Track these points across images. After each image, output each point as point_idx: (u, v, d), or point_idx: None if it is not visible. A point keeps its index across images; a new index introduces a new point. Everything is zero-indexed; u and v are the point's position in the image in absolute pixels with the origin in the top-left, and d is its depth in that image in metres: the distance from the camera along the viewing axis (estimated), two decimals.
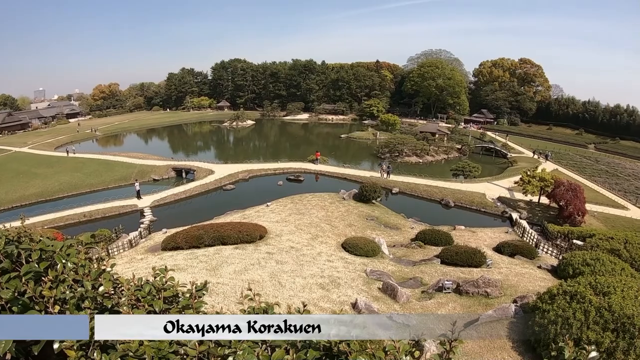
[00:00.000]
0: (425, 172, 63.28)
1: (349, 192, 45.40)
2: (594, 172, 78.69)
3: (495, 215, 47.82)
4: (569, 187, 44.68)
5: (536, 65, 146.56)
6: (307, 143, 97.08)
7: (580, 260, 25.89)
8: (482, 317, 18.12)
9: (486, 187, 56.34)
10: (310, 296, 19.82)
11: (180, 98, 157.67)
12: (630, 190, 66.11)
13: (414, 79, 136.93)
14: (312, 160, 64.47)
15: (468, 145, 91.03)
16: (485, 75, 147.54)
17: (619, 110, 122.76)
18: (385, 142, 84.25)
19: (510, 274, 25.44)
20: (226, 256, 24.33)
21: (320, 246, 29.27)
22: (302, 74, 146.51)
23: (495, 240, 35.05)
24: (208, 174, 55.54)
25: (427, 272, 25.91)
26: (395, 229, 38.63)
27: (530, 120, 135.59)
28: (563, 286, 17.77)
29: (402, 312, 18.96)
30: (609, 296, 16.18)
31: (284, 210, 39.50)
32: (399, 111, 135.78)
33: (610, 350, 14.16)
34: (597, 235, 35.64)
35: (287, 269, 23.05)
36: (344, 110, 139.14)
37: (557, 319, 15.48)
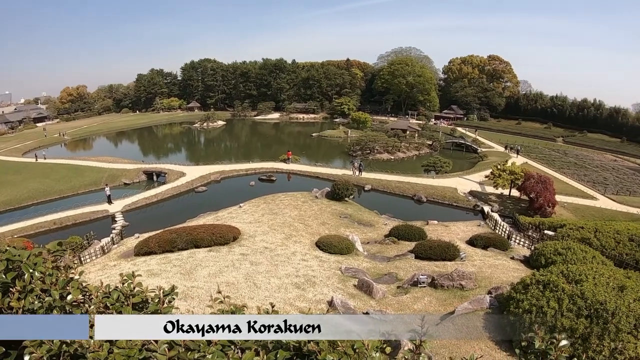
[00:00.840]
0: (397, 169, 63.85)
1: (321, 191, 45.40)
2: (563, 164, 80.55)
3: (468, 209, 48.46)
4: (538, 180, 45.53)
5: (505, 61, 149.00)
6: (278, 142, 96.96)
7: (552, 250, 26.38)
8: (457, 309, 18.29)
9: (458, 182, 57.09)
10: (286, 296, 19.80)
11: (150, 99, 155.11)
12: (599, 181, 67.98)
13: (385, 76, 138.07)
14: (284, 160, 64.37)
15: (439, 141, 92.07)
16: (454, 72, 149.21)
17: (586, 104, 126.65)
18: (356, 139, 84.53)
19: (484, 266, 25.76)
20: (200, 259, 24.12)
21: (294, 246, 29.23)
22: (273, 73, 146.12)
23: (468, 234, 35.40)
24: (179, 177, 54.88)
25: (402, 268, 26.05)
26: (369, 225, 38.76)
27: (500, 115, 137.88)
28: (536, 276, 18.08)
29: (379, 308, 19.04)
30: (581, 284, 16.54)
31: (257, 210, 39.32)
32: (370, 109, 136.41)
33: (585, 336, 14.49)
34: (568, 225, 36.46)
35: (261, 269, 22.96)
36: (315, 109, 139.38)
37: (532, 308, 15.78)
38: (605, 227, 34.78)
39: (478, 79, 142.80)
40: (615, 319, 14.64)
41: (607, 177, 72.87)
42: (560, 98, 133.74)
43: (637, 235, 32.31)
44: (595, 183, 65.57)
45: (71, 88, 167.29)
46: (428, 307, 19.74)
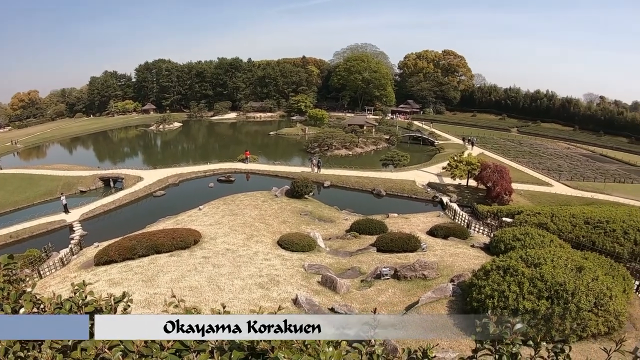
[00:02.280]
0: (355, 164, 63.94)
1: (281, 189, 45.15)
2: (518, 153, 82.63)
3: (427, 201, 49.11)
4: (495, 169, 46.47)
5: (459, 56, 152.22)
6: (236, 142, 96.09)
7: (511, 236, 27.03)
8: (422, 299, 18.51)
9: (416, 175, 57.72)
10: (250, 297, 19.65)
11: (104, 103, 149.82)
12: (553, 168, 70.07)
13: (341, 73, 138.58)
14: (242, 160, 63.79)
15: (396, 135, 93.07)
16: (410, 67, 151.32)
17: (539, 95, 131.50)
18: (314, 136, 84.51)
19: (445, 255, 26.08)
20: (161, 265, 23.69)
21: (256, 245, 29.03)
22: (229, 72, 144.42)
23: (428, 225, 35.78)
24: (137, 181, 53.62)
25: (365, 261, 26.16)
26: (330, 221, 38.79)
27: (455, 108, 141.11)
28: (496, 262, 18.45)
29: (344, 303, 19.11)
30: (540, 267, 16.96)
31: (217, 212, 38.86)
32: (327, 105, 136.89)
33: (547, 317, 14.87)
34: (525, 212, 37.48)
35: (224, 271, 22.72)
36: (271, 107, 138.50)
37: (494, 293, 16.09)
38: (561, 211, 35.88)
39: (433, 73, 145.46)
40: (576, 299, 15.09)
41: (561, 164, 75.09)
42: (513, 90, 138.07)
43: (592, 218, 33.43)
44: (550, 170, 67.58)
45: (22, 93, 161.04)
46: (392, 299, 19.88)
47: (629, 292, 19.22)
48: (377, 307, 19.06)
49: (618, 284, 18.20)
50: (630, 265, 26.69)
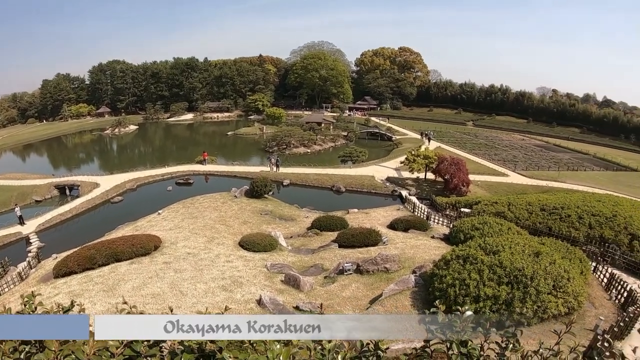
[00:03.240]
0: (314, 162, 64.19)
1: (240, 190, 44.79)
2: (474, 146, 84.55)
3: (386, 195, 49.57)
4: (452, 162, 47.32)
5: (415, 52, 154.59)
6: (193, 144, 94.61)
7: (470, 226, 27.60)
8: (385, 291, 18.68)
9: (375, 170, 58.27)
10: (214, 300, 19.44)
11: (57, 107, 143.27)
12: (509, 159, 72.06)
13: (298, 71, 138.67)
14: (200, 161, 63.01)
15: (354, 131, 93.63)
16: (367, 64, 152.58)
17: (494, 89, 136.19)
18: (272, 135, 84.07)
19: (406, 248, 26.29)
20: (122, 273, 23.17)
21: (217, 248, 28.75)
22: (185, 72, 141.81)
23: (388, 219, 36.13)
24: (93, 188, 52.16)
25: (327, 258, 26.22)
26: (291, 220, 38.73)
27: (412, 103, 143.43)
28: (456, 251, 18.79)
29: (308, 300, 19.12)
30: (498, 254, 17.37)
31: (177, 216, 38.30)
32: (284, 104, 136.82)
33: (508, 301, 15.23)
34: (483, 202, 38.38)
35: (186, 276, 22.39)
36: (229, 107, 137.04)
37: (455, 282, 16.37)
38: (517, 200, 37.00)
39: (390, 69, 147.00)
40: (535, 282, 15.52)
41: (517, 155, 77.26)
42: (469, 85, 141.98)
43: (548, 205, 34.65)
44: (505, 161, 69.46)
45: None
46: (356, 293, 19.99)
47: (586, 273, 19.88)
48: (341, 302, 19.17)
49: (575, 266, 18.78)
50: (586, 248, 27.80)
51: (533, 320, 15.43)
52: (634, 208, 34.62)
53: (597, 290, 20.68)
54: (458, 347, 2.58)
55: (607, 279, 21.67)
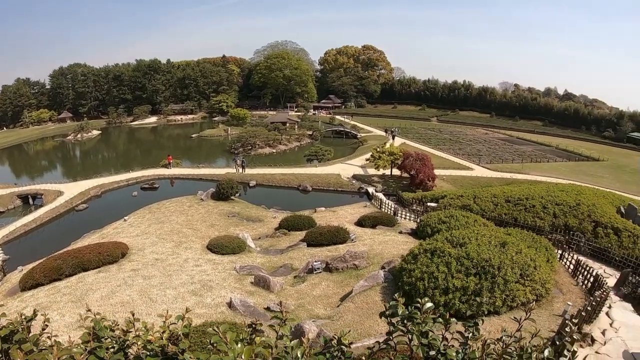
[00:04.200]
0: (280, 162, 64.17)
1: (206, 192, 44.37)
2: (439, 141, 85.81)
3: (353, 193, 49.88)
4: (417, 157, 47.82)
5: (379, 50, 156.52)
6: (158, 147, 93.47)
7: (436, 220, 27.95)
8: (355, 288, 18.69)
9: (341, 168, 58.67)
10: (184, 305, 19.10)
11: (17, 113, 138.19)
12: (473, 152, 73.33)
13: (262, 71, 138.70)
14: (165, 165, 62.23)
15: (319, 130, 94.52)
16: (330, 63, 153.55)
17: (457, 85, 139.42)
18: (237, 136, 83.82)
19: (375, 244, 26.38)
20: (90, 283, 22.61)
21: (185, 252, 28.42)
22: (147, 74, 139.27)
23: (355, 216, 36.32)
24: (57, 196, 50.80)
25: (296, 258, 26.16)
26: (258, 221, 38.56)
27: (376, 101, 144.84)
28: (423, 245, 18.94)
29: (279, 301, 19.02)
30: (465, 246, 17.60)
31: (143, 221, 37.72)
32: (249, 104, 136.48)
33: (477, 292, 15.43)
34: (449, 196, 39.04)
35: (155, 282, 22.03)
36: (192, 109, 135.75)
37: (423, 275, 16.48)
38: (483, 192, 37.78)
39: (353, 68, 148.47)
40: (502, 272, 15.79)
41: (481, 149, 78.63)
42: (432, 81, 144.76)
43: (513, 196, 35.57)
44: (470, 155, 70.60)
45: None
46: (327, 291, 19.99)
47: (552, 261, 20.28)
48: (312, 301, 19.14)
49: (541, 254, 19.17)
50: (551, 237, 28.73)
51: (502, 309, 15.68)
52: (597, 196, 35.94)
53: (564, 276, 21.16)
54: (419, 339, 2.59)
55: (574, 265, 22.18)
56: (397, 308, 2.77)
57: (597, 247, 28.26)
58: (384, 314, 2.76)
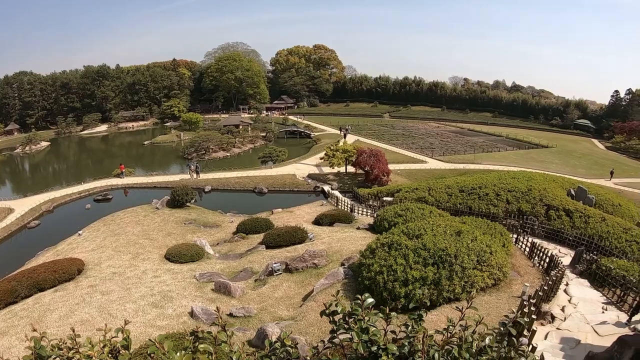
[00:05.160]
0: (234, 165, 63.57)
1: (161, 200, 43.68)
2: (392, 136, 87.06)
3: (309, 192, 50.09)
4: (370, 154, 48.33)
5: (330, 49, 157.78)
6: (110, 157, 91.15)
7: (393, 214, 28.37)
8: (316, 287, 18.75)
9: (295, 168, 58.78)
10: (145, 318, 18.85)
11: None
12: (426, 146, 74.65)
13: (213, 74, 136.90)
14: (118, 175, 60.97)
15: (272, 131, 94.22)
16: (282, 63, 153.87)
17: (408, 81, 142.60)
18: (190, 141, 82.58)
19: (333, 241, 26.52)
20: (47, 303, 21.87)
21: (143, 264, 27.91)
22: (96, 81, 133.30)
23: (313, 215, 36.49)
24: (7, 214, 48.66)
25: (256, 261, 26.03)
26: (215, 226, 38.24)
27: (329, 100, 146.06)
28: (380, 239, 19.15)
29: (241, 306, 18.95)
30: (421, 237, 17.94)
31: (98, 235, 36.82)
32: (201, 108, 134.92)
33: (436, 281, 15.74)
34: (404, 189, 39.67)
35: (114, 297, 21.51)
36: (144, 116, 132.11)
37: (382, 269, 16.65)
38: (437, 184, 38.71)
39: (305, 67, 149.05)
40: (459, 260, 16.17)
41: (433, 142, 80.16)
42: (383, 78, 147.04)
43: (466, 186, 36.72)
44: (423, 148, 71.86)
45: None
46: (288, 292, 19.98)
47: (508, 245, 20.97)
48: (274, 303, 19.11)
49: (497, 240, 19.79)
50: (506, 222, 29.87)
51: (462, 296, 16.02)
52: (547, 181, 37.47)
53: (520, 259, 21.77)
54: (359, 335, 2.60)
55: (529, 248, 22.89)
56: (337, 306, 2.79)
57: (551, 228, 29.66)
58: (324, 312, 2.78)
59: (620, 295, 16.87)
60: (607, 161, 77.11)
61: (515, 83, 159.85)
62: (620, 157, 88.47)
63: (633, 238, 28.26)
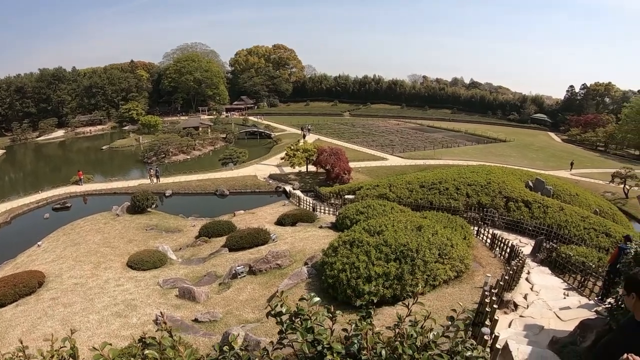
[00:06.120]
0: (195, 168, 63.02)
1: (121, 207, 42.83)
2: (352, 135, 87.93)
3: (271, 192, 50.08)
4: (331, 152, 48.69)
5: (289, 49, 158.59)
6: (68, 163, 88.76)
7: (354, 211, 28.54)
8: (280, 287, 18.72)
9: (256, 169, 58.82)
10: (109, 329, 18.49)
11: None
12: (386, 143, 75.59)
13: (171, 75, 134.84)
14: (76, 182, 59.63)
15: (232, 132, 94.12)
16: (241, 64, 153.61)
17: (367, 79, 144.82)
18: (149, 145, 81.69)
19: (296, 241, 26.56)
20: (9, 319, 21.21)
21: (105, 273, 27.36)
22: (52, 84, 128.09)
23: (275, 216, 36.48)
24: None
25: (219, 264, 25.84)
26: (178, 231, 37.80)
27: (289, 99, 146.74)
28: (342, 237, 19.25)
29: (206, 311, 18.83)
30: (383, 234, 18.11)
31: (58, 245, 35.86)
32: (160, 110, 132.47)
33: (399, 276, 15.87)
34: (365, 187, 40.16)
35: (77, 309, 21.00)
36: (101, 119, 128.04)
37: (345, 267, 16.72)
38: (398, 180, 39.27)
39: (265, 67, 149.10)
40: (421, 254, 16.40)
41: (393, 139, 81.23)
42: (343, 77, 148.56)
43: (427, 181, 37.40)
44: (383, 146, 72.75)
45: None
46: (253, 294, 19.91)
47: (469, 237, 21.39)
48: (239, 306, 19.03)
49: (458, 233, 20.18)
50: (467, 215, 30.51)
51: (426, 289, 16.19)
52: (506, 174, 38.50)
53: (482, 251, 22.17)
54: (303, 335, 2.61)
55: (490, 239, 23.21)
56: (282, 307, 2.82)
57: (511, 220, 30.36)
58: (270, 313, 2.81)
59: (581, 280, 17.33)
60: (563, 153, 79.36)
61: (474, 80, 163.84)
62: (576, 149, 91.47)
63: (591, 225, 29.31)
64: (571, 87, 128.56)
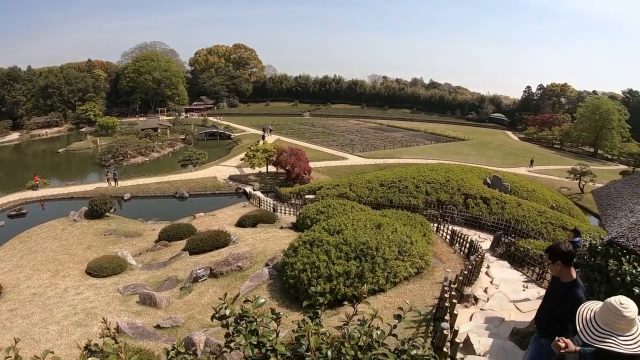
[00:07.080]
0: (153, 170, 62.31)
1: (79, 212, 41.87)
2: (312, 135, 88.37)
3: (231, 194, 49.82)
4: (291, 152, 48.93)
5: (250, 49, 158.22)
6: (23, 167, 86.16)
7: (315, 211, 28.56)
8: (241, 290, 18.64)
9: (216, 170, 58.40)
10: (70, 339, 18.09)
11: None
12: (346, 143, 76.18)
13: (130, 75, 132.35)
14: (33, 187, 58.31)
15: (192, 133, 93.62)
16: (201, 64, 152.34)
17: (328, 80, 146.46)
18: (107, 147, 79.95)
19: (257, 242, 26.43)
20: None
21: (64, 281, 26.74)
22: (6, 85, 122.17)
23: (235, 217, 36.23)
24: None
25: (180, 268, 25.58)
26: (137, 236, 37.19)
27: (249, 99, 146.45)
28: (302, 237, 19.29)
29: (168, 316, 18.65)
30: (342, 233, 18.23)
31: (15, 254, 34.81)
32: (118, 111, 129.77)
33: (359, 274, 15.99)
34: (325, 186, 40.52)
35: (36, 320, 20.48)
36: (58, 121, 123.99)
37: (305, 266, 16.77)
38: (358, 180, 39.78)
39: (225, 67, 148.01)
40: (380, 252, 16.56)
41: (353, 139, 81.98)
42: (303, 77, 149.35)
43: (386, 180, 37.97)
44: (343, 145, 73.33)
45: None
46: (214, 298, 19.75)
47: (429, 234, 21.61)
48: (201, 310, 18.89)
49: (417, 230, 20.40)
50: (426, 213, 30.91)
51: (387, 286, 16.31)
52: (464, 172, 39.49)
53: (442, 247, 22.42)
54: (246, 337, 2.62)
55: (450, 235, 23.54)
56: (227, 309, 2.84)
57: (470, 216, 31.14)
58: (214, 316, 2.82)
59: (539, 272, 17.70)
60: (521, 151, 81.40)
61: (433, 80, 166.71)
62: (533, 147, 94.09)
63: (548, 220, 30.34)
64: (528, 88, 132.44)
